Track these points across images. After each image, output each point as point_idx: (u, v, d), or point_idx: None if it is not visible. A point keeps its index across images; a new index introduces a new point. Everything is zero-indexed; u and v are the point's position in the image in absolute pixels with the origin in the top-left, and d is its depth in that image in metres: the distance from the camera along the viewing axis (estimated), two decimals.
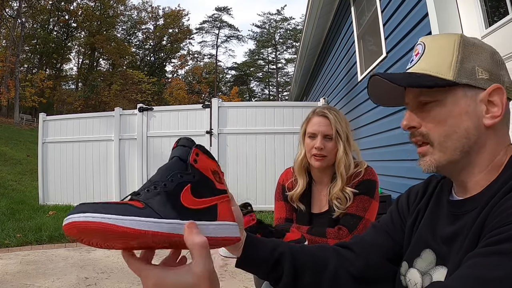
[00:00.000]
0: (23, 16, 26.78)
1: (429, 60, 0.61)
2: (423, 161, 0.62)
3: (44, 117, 6.04)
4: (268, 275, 0.71)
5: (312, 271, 0.71)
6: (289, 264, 0.70)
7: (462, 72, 0.58)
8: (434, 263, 0.62)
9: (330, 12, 5.57)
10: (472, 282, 0.44)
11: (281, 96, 42.10)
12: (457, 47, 0.59)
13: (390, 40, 3.08)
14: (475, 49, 0.60)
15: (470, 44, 0.60)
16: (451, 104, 0.59)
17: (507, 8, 1.64)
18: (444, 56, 0.60)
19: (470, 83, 0.58)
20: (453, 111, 0.59)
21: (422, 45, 0.63)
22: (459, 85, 0.58)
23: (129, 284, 2.61)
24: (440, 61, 0.60)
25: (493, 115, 0.58)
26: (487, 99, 0.58)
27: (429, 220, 0.67)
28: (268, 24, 42.34)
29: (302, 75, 9.13)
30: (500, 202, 0.51)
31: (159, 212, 0.44)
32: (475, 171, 0.60)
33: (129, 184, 5.53)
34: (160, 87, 36.07)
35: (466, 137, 0.58)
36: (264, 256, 0.69)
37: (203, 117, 5.42)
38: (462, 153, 0.59)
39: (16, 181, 8.20)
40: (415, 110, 0.63)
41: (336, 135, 1.35)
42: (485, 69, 0.59)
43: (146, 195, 0.47)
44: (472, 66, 0.58)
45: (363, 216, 1.27)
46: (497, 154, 0.59)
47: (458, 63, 0.58)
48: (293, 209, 1.43)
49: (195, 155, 0.51)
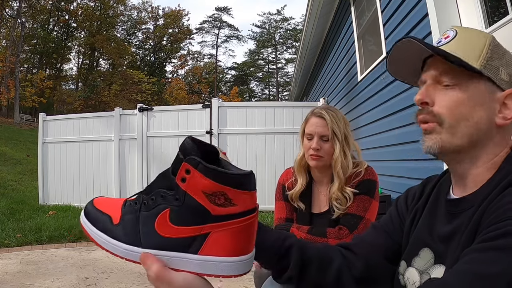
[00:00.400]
0: (23, 16, 26.77)
1: (459, 45, 0.60)
2: (428, 137, 0.61)
3: (44, 117, 6.04)
4: (273, 265, 0.70)
5: (318, 267, 0.71)
6: (297, 256, 0.69)
7: (489, 66, 0.59)
8: (432, 262, 0.62)
9: (330, 12, 5.57)
10: (469, 277, 0.44)
11: (281, 96, 42.11)
12: (488, 43, 0.60)
13: (390, 40, 3.08)
14: (503, 53, 0.62)
15: (499, 46, 0.62)
16: (471, 91, 0.59)
17: (507, 8, 1.64)
18: (475, 46, 0.60)
19: (493, 79, 0.59)
20: (471, 98, 0.59)
21: (453, 31, 0.63)
22: (483, 76, 0.59)
23: (129, 284, 2.61)
24: (470, 50, 0.59)
25: (504, 116, 0.59)
26: (503, 100, 0.59)
27: (427, 220, 0.67)
28: (268, 24, 42.36)
29: (302, 75, 9.13)
30: (497, 199, 0.52)
31: (125, 233, 0.44)
32: (478, 164, 0.60)
33: (129, 184, 5.53)
34: (160, 87, 36.07)
35: (476, 127, 0.59)
36: (273, 245, 0.69)
37: (203, 117, 5.42)
38: (470, 142, 0.59)
39: (16, 181, 8.20)
40: (432, 87, 0.62)
41: (332, 135, 1.34)
42: (508, 72, 0.60)
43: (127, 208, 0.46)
44: (498, 65, 0.60)
45: (363, 216, 1.27)
46: (499, 152, 0.60)
47: (487, 57, 0.59)
48: (293, 209, 1.43)
49: (184, 171, 0.40)
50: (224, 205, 0.40)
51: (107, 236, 0.46)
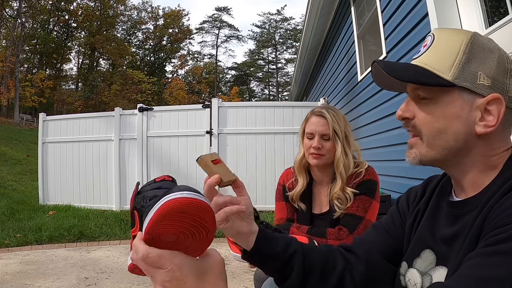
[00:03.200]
0: (23, 16, 26.77)
1: (433, 54, 0.59)
2: (409, 153, 0.63)
3: (44, 117, 6.03)
4: (276, 272, 0.70)
5: (321, 272, 0.70)
6: (300, 264, 0.69)
7: (463, 74, 0.56)
8: (434, 263, 0.62)
9: (330, 12, 5.57)
10: (473, 282, 0.44)
11: (281, 96, 42.11)
12: (464, 47, 0.57)
13: (390, 40, 3.08)
14: (483, 53, 0.57)
15: (479, 46, 0.58)
16: (445, 104, 0.58)
17: (507, 8, 1.64)
18: (449, 53, 0.58)
19: (469, 87, 0.56)
20: (446, 111, 0.58)
21: (431, 37, 0.62)
22: (457, 87, 0.57)
23: (129, 284, 2.61)
24: (443, 59, 0.58)
25: (487, 124, 0.56)
26: (484, 106, 0.56)
27: (429, 221, 0.67)
28: (268, 24, 42.37)
29: (302, 75, 9.13)
30: (499, 203, 0.51)
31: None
32: (466, 169, 0.59)
33: (129, 184, 5.52)
34: (160, 87, 36.09)
35: (454, 139, 0.58)
36: (276, 252, 0.68)
37: (203, 117, 5.42)
38: (449, 154, 0.59)
39: (16, 181, 8.20)
40: (412, 101, 0.62)
41: (333, 134, 1.34)
42: (488, 75, 0.56)
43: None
44: (475, 70, 0.56)
45: (363, 217, 1.26)
46: (491, 156, 0.58)
47: (461, 65, 0.57)
48: (294, 210, 1.42)
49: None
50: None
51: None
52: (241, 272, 2.82)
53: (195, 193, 0.42)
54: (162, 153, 5.45)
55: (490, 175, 0.58)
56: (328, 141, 1.35)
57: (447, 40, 0.60)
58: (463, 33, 0.59)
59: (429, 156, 0.60)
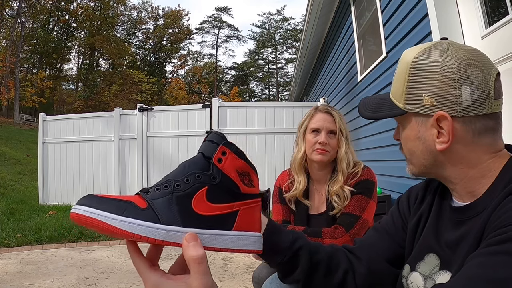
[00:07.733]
0: (23, 16, 26.76)
1: (394, 83, 0.64)
2: (407, 167, 0.69)
3: (44, 117, 6.04)
4: (281, 266, 0.69)
5: (325, 272, 0.70)
6: (306, 259, 0.69)
7: (411, 99, 0.60)
8: (437, 268, 0.62)
9: (330, 12, 5.57)
10: (476, 282, 0.44)
11: (281, 96, 42.12)
12: (407, 73, 0.60)
13: (390, 40, 3.08)
14: (425, 74, 0.58)
15: (420, 68, 0.59)
16: (407, 129, 0.63)
17: (507, 8, 1.64)
18: (400, 81, 0.62)
19: (418, 111, 0.59)
20: (409, 135, 0.63)
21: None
22: (410, 112, 0.61)
23: (129, 284, 2.61)
24: (397, 87, 0.63)
25: (443, 140, 0.58)
26: (437, 124, 0.58)
27: (433, 225, 0.67)
28: (268, 24, 42.40)
29: (302, 75, 9.13)
30: (501, 205, 0.51)
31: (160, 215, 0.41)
32: (453, 181, 0.61)
33: (129, 184, 5.53)
34: (160, 87, 36.11)
35: (423, 158, 0.62)
36: (283, 246, 0.68)
37: (203, 117, 5.42)
38: (428, 169, 0.64)
39: (16, 181, 8.20)
40: (398, 127, 0.68)
41: (339, 132, 1.36)
42: (432, 95, 0.57)
43: (154, 194, 0.43)
44: (419, 92, 0.59)
45: (360, 216, 1.26)
46: (475, 166, 0.58)
47: (407, 91, 0.60)
48: (290, 211, 1.42)
49: (221, 153, 0.45)
50: (248, 185, 0.47)
51: (141, 220, 0.40)
52: (241, 272, 2.82)
53: (79, 206, 0.41)
54: (162, 153, 5.45)
55: (483, 183, 0.58)
56: (333, 138, 1.36)
57: (399, 65, 0.63)
58: (409, 56, 0.61)
59: (416, 172, 0.65)
